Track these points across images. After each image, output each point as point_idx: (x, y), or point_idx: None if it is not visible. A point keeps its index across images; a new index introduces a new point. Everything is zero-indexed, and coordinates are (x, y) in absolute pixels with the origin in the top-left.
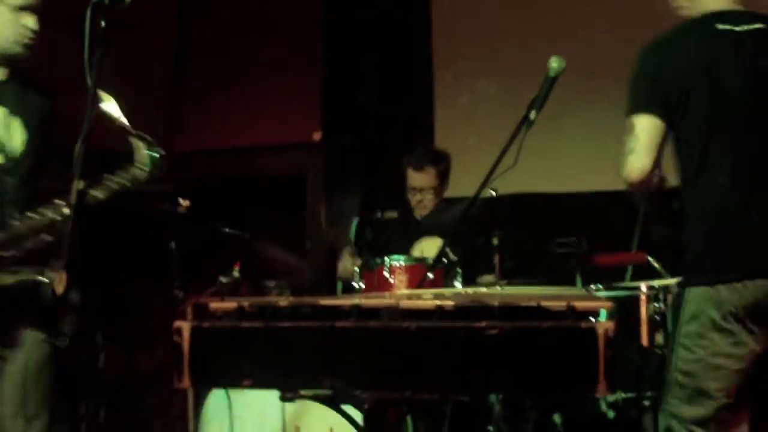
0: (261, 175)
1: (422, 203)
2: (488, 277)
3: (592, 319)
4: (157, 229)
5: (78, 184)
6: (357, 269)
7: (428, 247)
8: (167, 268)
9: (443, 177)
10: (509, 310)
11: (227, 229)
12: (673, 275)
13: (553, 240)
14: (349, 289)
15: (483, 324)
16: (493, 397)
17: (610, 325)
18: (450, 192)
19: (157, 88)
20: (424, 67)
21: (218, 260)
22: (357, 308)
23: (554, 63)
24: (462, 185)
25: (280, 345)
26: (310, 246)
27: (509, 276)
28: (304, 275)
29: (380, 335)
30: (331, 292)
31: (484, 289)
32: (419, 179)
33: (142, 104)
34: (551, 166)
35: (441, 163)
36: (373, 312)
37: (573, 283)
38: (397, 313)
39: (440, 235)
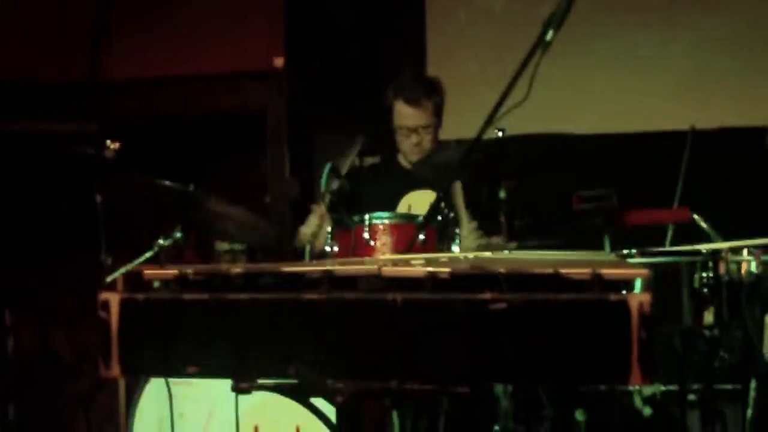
0: (209, 112)
1: (420, 146)
2: (494, 239)
3: (624, 291)
4: (78, 179)
5: None
6: (328, 231)
7: (418, 201)
8: (91, 227)
9: (439, 112)
10: (519, 280)
11: (166, 182)
12: (726, 238)
13: (575, 193)
14: (318, 256)
15: (487, 296)
16: (499, 389)
17: (646, 298)
18: (445, 133)
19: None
20: None
21: (155, 218)
22: (329, 276)
23: None
24: (460, 124)
25: (233, 323)
26: (271, 200)
27: (520, 237)
28: (263, 237)
29: (358, 310)
30: (297, 258)
31: (488, 254)
32: (414, 116)
33: (60, 19)
34: (573, 101)
35: (437, 94)
36: (350, 281)
37: (600, 247)
38: (379, 281)
39: (433, 187)
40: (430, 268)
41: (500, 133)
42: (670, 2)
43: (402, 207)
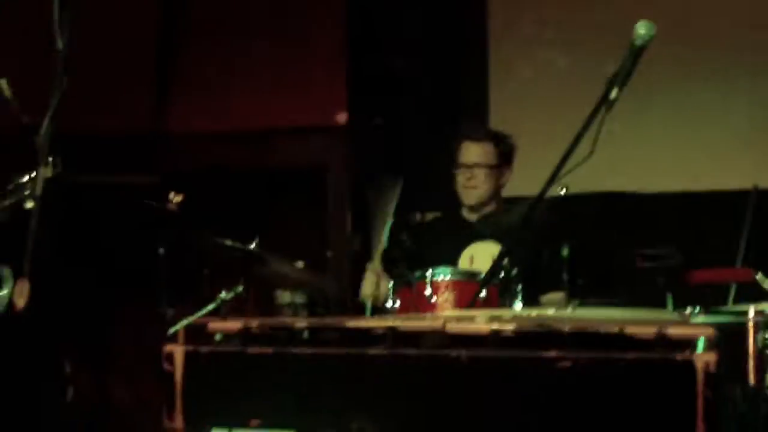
0: (271, 166)
1: (472, 183)
2: (556, 296)
3: (689, 350)
4: (141, 231)
5: (46, 171)
6: (390, 286)
7: (481, 254)
8: (154, 278)
9: (504, 159)
10: (584, 338)
11: (227, 241)
12: None
13: (638, 251)
14: (380, 311)
15: (552, 354)
16: None
17: (712, 357)
18: (508, 191)
19: (141, 53)
20: (477, 32)
21: (217, 271)
22: (392, 332)
23: (642, 29)
24: (524, 181)
25: (296, 376)
26: (332, 255)
27: (583, 295)
28: (324, 291)
29: (421, 366)
30: (359, 312)
31: (551, 311)
32: (474, 152)
33: (123, 72)
34: (637, 159)
35: (502, 142)
36: (413, 337)
37: (663, 305)
38: (443, 338)
39: (497, 239)
40: (494, 325)
41: (563, 191)
42: (731, 59)
43: (464, 259)
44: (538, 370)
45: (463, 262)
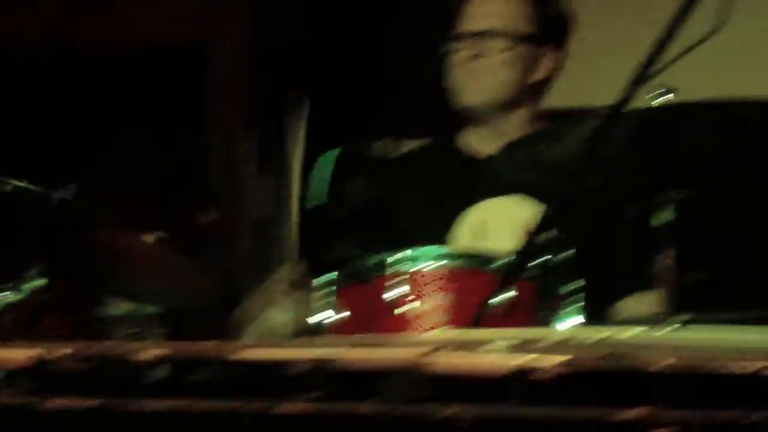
0: (110, 44)
1: (479, 67)
2: (644, 302)
3: None
4: None
5: None
6: (317, 289)
7: (499, 217)
8: None
9: (547, 30)
10: (691, 384)
11: (24, 184)
12: None
13: None
14: (303, 331)
15: (629, 414)
16: None
17: None
18: (555, 100)
19: None
20: None
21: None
22: (324, 371)
23: None
24: (583, 87)
25: None
26: (217, 219)
27: (695, 302)
28: (198, 292)
29: None
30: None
31: (632, 333)
32: (487, 8)
33: None
34: None
35: None
36: (366, 380)
37: None
38: (423, 383)
39: (531, 193)
40: (523, 359)
41: (667, 97)
42: None
43: (467, 227)
44: None
45: (466, 234)
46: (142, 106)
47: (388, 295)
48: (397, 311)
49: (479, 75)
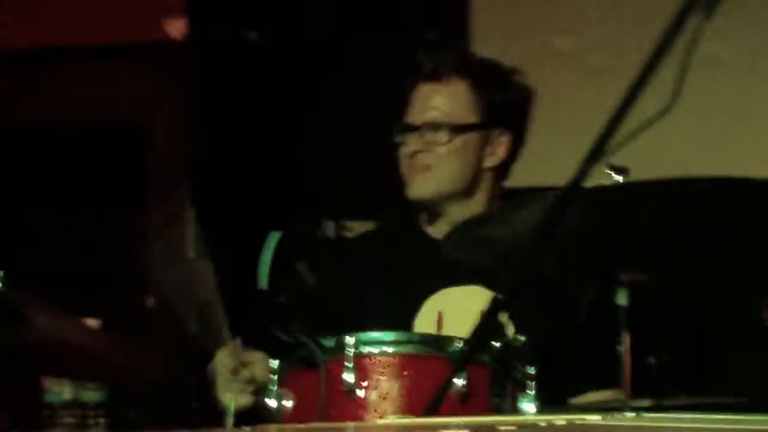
0: (52, 122)
1: (423, 159)
2: (600, 385)
3: None
4: None
5: None
6: (272, 374)
7: (457, 304)
8: None
9: (496, 116)
10: None
11: None
12: None
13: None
14: (255, 418)
15: None
16: None
17: None
18: (511, 180)
19: None
20: None
21: None
22: None
23: None
24: (538, 163)
25: None
26: (156, 304)
27: (659, 388)
28: (140, 375)
29: None
30: (215, 423)
31: (593, 418)
32: (433, 101)
33: None
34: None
35: (493, 83)
36: None
37: None
38: None
39: (484, 281)
40: None
41: (620, 177)
42: None
43: (425, 318)
44: None
45: (424, 322)
46: (81, 187)
47: (338, 381)
48: (350, 398)
49: (424, 168)
